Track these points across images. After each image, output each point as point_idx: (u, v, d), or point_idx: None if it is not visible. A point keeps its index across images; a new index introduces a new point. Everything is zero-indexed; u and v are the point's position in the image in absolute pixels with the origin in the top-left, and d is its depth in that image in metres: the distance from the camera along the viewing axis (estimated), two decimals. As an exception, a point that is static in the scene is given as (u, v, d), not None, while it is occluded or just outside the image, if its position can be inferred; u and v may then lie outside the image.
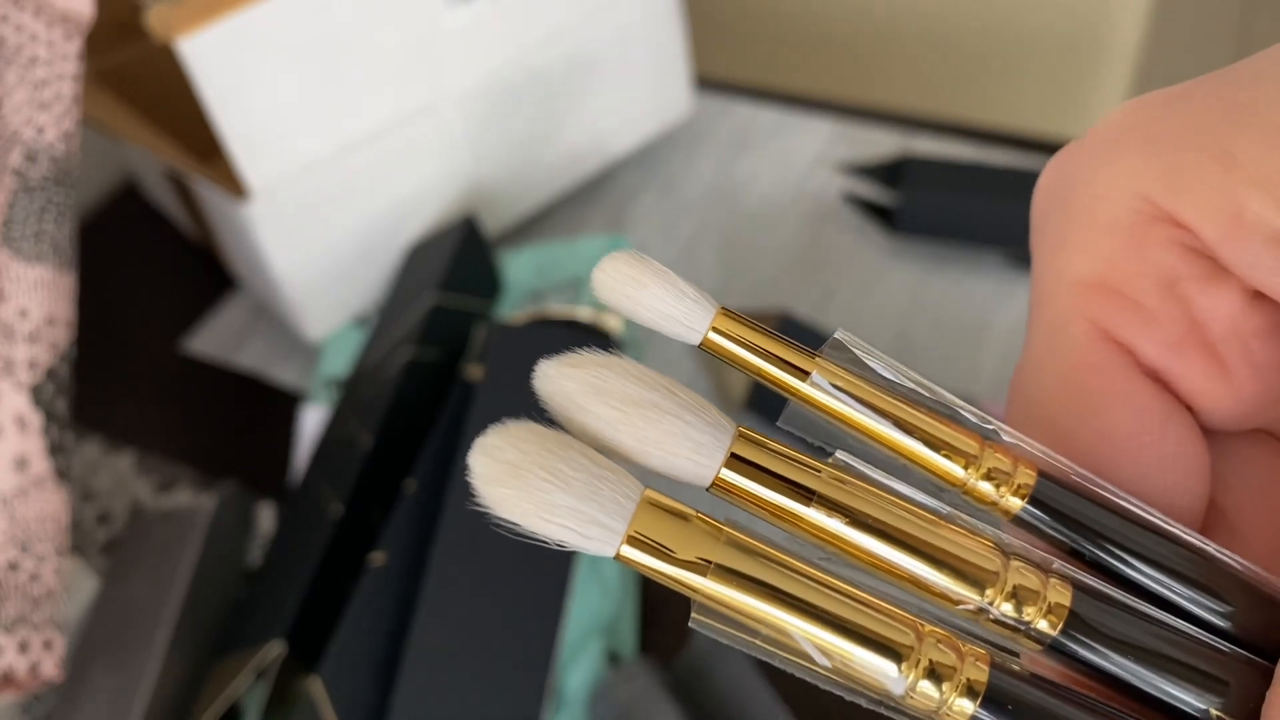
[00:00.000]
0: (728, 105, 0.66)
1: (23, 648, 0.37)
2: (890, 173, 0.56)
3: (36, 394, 0.39)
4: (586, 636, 0.41)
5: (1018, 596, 0.14)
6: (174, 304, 0.61)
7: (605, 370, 0.14)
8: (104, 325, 0.58)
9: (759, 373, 0.16)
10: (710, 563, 0.14)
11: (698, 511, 0.14)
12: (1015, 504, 0.15)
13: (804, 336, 0.50)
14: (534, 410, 0.14)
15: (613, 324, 0.51)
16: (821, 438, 0.16)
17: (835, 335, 0.16)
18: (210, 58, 0.45)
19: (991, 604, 0.14)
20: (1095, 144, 0.16)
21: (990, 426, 0.16)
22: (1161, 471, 0.16)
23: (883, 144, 0.61)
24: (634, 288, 0.16)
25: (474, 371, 0.45)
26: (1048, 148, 0.60)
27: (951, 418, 0.16)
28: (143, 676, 0.41)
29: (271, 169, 0.49)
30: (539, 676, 0.38)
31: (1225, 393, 0.16)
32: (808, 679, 0.14)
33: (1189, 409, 0.16)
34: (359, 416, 0.46)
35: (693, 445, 0.14)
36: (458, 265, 0.51)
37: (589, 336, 0.47)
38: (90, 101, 0.54)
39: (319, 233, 0.52)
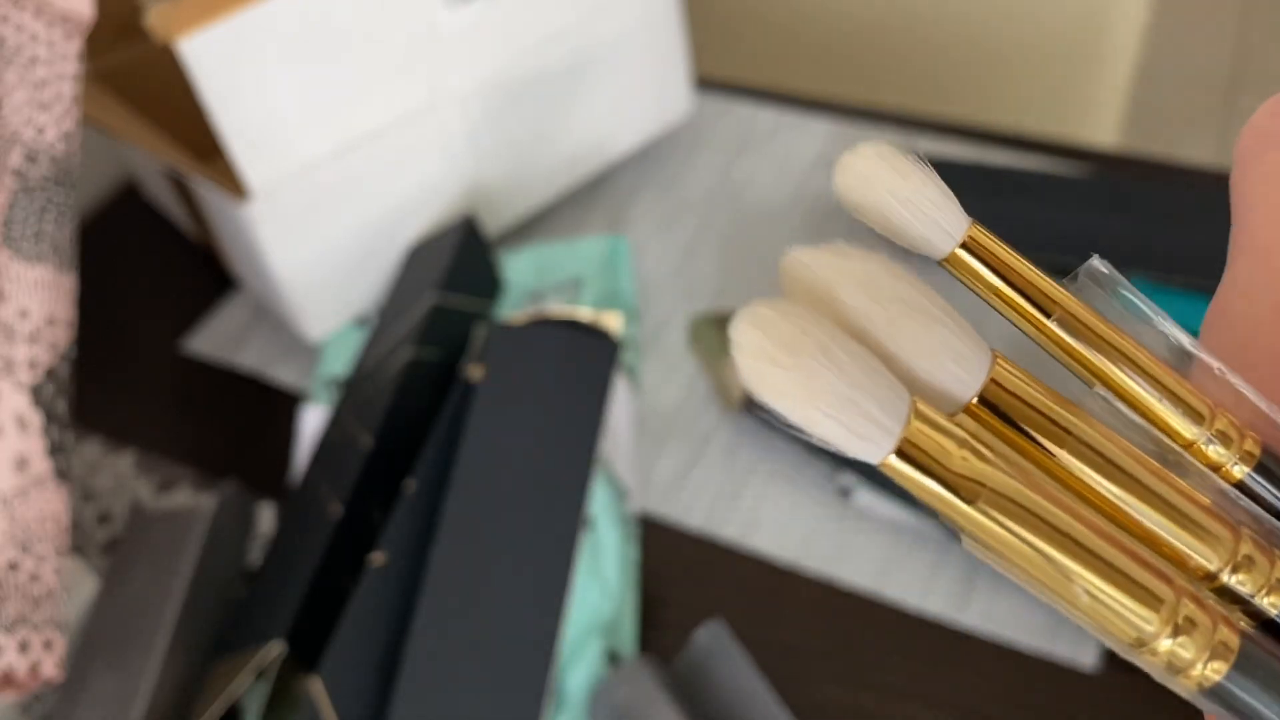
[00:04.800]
0: (728, 105, 0.66)
1: (23, 648, 0.37)
2: (890, 173, 0.56)
3: (37, 394, 0.39)
4: (586, 636, 0.41)
5: (1243, 568, 0.14)
6: (174, 304, 0.61)
7: (874, 264, 0.13)
8: (104, 325, 0.58)
9: (1000, 297, 0.14)
10: (983, 486, 0.13)
11: (966, 430, 0.13)
12: (1238, 471, 0.15)
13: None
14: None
15: (612, 324, 0.51)
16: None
17: (1092, 262, 0.15)
18: (210, 58, 0.45)
19: (1220, 573, 0.14)
20: None
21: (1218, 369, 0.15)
22: None
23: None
24: (896, 178, 0.14)
25: (474, 371, 0.45)
26: (1048, 148, 0.60)
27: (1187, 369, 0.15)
28: (143, 676, 0.41)
29: (272, 169, 0.49)
30: (539, 676, 0.38)
31: None
32: (1061, 612, 0.13)
33: None
34: (359, 416, 0.47)
35: (959, 358, 0.13)
36: (458, 265, 0.51)
37: (589, 336, 0.47)
38: (90, 101, 0.54)
39: (319, 233, 0.52)
